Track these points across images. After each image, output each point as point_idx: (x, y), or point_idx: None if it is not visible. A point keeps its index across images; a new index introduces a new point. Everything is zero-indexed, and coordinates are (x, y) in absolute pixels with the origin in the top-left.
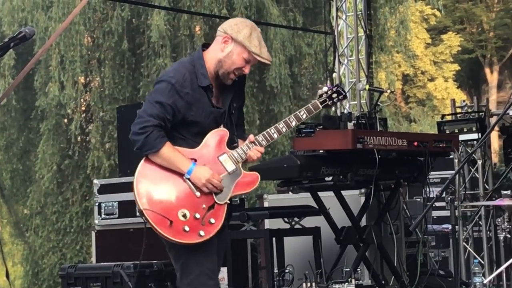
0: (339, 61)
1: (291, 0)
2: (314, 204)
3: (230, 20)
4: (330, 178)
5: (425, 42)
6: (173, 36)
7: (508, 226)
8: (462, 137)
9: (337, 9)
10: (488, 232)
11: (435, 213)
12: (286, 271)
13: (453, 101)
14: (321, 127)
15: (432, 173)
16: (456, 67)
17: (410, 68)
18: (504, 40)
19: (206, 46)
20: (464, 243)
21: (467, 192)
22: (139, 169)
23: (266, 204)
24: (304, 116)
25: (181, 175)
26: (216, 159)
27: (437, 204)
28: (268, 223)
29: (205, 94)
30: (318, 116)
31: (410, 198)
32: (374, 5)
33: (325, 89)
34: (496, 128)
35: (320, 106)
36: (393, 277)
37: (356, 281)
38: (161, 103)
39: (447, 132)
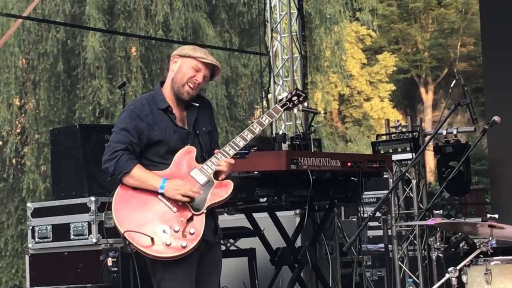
0: (275, 82)
1: (227, 21)
2: (249, 226)
3: None
4: (265, 199)
5: (361, 62)
6: (109, 58)
7: (440, 246)
8: (396, 157)
9: (272, 30)
10: (423, 251)
11: (371, 233)
12: None
13: (387, 121)
14: (256, 148)
15: (367, 193)
16: (391, 87)
17: (346, 88)
18: (439, 60)
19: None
20: (399, 262)
21: (402, 212)
22: (115, 197)
23: None
24: (266, 121)
25: (155, 195)
26: (187, 175)
27: (373, 224)
28: None
29: (166, 116)
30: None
31: (346, 218)
32: (309, 26)
33: (284, 94)
34: (431, 148)
35: (281, 109)
36: None
37: None
38: (125, 129)
39: (382, 152)
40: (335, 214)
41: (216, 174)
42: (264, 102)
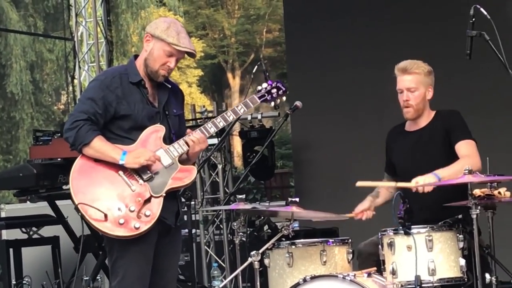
0: (80, 67)
1: (31, 5)
2: (52, 213)
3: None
4: (68, 186)
5: None
6: None
7: (243, 230)
8: None
9: (77, 15)
10: (229, 235)
11: None
12: (24, 282)
13: (193, 106)
14: (59, 134)
15: None
16: (199, 72)
17: None
18: (245, 45)
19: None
20: (205, 247)
21: (208, 196)
22: (75, 165)
23: (3, 214)
24: (242, 111)
25: (116, 170)
26: None
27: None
28: (6, 234)
29: (138, 90)
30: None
31: None
32: (115, 11)
33: (264, 84)
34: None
35: (258, 101)
36: None
37: None
38: (91, 98)
39: None
40: None
41: (181, 158)
42: (70, 88)
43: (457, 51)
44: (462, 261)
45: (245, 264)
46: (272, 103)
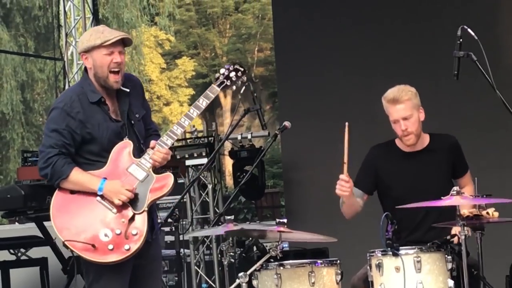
0: (69, 87)
1: (22, 25)
2: (40, 234)
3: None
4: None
5: (160, 66)
6: None
7: (232, 250)
8: (192, 162)
9: (67, 35)
10: (219, 256)
11: (169, 238)
12: None
13: None
14: None
15: (164, 198)
16: (191, 91)
17: (146, 93)
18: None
19: None
20: (195, 267)
21: (199, 216)
22: (53, 203)
23: None
24: (204, 104)
25: (93, 197)
26: (125, 171)
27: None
28: None
29: (99, 109)
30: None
31: None
32: None
33: (222, 70)
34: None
35: (218, 89)
36: None
37: None
38: (56, 130)
39: (178, 157)
40: None
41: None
42: None
43: (445, 69)
44: (451, 282)
45: (233, 285)
46: (234, 87)
